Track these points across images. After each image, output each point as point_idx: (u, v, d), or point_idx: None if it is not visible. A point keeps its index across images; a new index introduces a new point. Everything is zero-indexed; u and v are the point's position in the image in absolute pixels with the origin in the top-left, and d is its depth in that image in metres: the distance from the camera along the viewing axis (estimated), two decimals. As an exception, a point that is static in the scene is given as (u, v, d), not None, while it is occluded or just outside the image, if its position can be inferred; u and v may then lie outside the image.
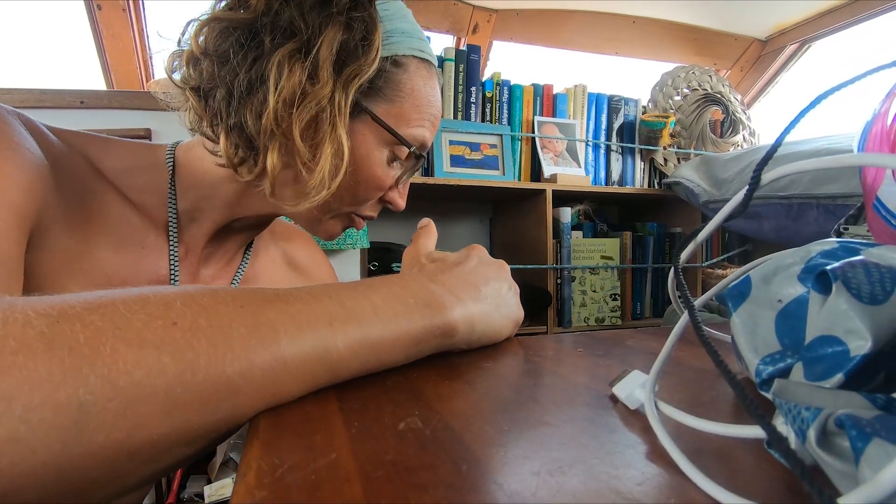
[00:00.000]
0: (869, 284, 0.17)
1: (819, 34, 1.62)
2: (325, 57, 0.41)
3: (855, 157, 0.17)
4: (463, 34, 1.57)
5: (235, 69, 0.42)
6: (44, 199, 0.39)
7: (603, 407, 0.25)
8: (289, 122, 0.42)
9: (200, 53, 0.43)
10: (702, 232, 0.25)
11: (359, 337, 0.28)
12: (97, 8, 1.30)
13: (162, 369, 0.21)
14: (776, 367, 0.21)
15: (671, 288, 0.31)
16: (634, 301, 1.61)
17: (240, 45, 0.42)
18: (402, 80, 0.48)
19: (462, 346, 0.37)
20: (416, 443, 0.20)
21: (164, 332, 0.22)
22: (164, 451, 0.22)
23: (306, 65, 0.41)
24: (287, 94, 0.41)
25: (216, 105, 0.43)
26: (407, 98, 0.48)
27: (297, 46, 0.41)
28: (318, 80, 0.42)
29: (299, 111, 0.41)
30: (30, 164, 0.38)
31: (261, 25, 0.42)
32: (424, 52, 0.49)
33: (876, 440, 0.12)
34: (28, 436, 0.18)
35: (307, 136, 0.43)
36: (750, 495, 0.15)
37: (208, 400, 0.22)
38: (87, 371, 0.19)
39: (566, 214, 1.47)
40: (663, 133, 1.58)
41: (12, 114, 0.40)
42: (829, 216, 1.04)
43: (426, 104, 0.50)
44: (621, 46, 1.76)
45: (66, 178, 0.42)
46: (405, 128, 0.49)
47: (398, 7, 0.49)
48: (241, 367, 0.23)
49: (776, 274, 0.23)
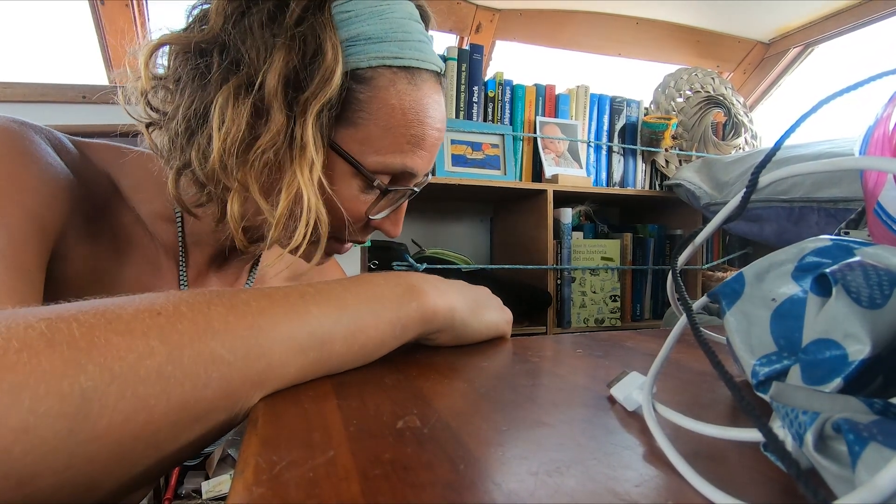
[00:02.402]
0: (868, 287, 0.17)
1: (822, 37, 1.62)
2: (273, 88, 0.36)
3: (854, 161, 0.17)
4: (466, 34, 1.57)
5: (183, 104, 0.38)
6: (67, 211, 0.40)
7: (601, 408, 0.25)
8: (242, 168, 0.37)
9: (150, 85, 0.39)
10: (700, 234, 0.25)
11: (336, 311, 0.30)
12: (100, 3, 1.30)
13: (151, 352, 0.22)
14: (772, 369, 0.21)
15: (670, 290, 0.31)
16: (634, 303, 1.61)
17: (190, 74, 0.38)
18: (365, 99, 0.40)
19: (447, 338, 0.37)
20: (414, 441, 0.20)
21: (151, 320, 0.23)
22: (167, 433, 0.23)
23: (252, 100, 0.36)
24: (234, 136, 0.36)
25: (164, 143, 0.40)
26: (373, 119, 0.40)
27: (241, 81, 0.36)
28: (269, 117, 0.37)
29: (252, 155, 0.37)
30: (53, 177, 0.38)
31: (210, 49, 0.37)
32: (404, 58, 0.40)
33: (873, 444, 0.12)
34: (37, 424, 0.19)
35: (268, 183, 0.39)
36: (746, 498, 0.15)
37: (198, 374, 0.23)
38: (85, 361, 0.21)
39: (567, 215, 1.47)
40: (665, 135, 1.57)
41: (36, 129, 0.40)
42: (831, 220, 1.04)
43: (402, 124, 0.41)
44: (624, 47, 1.76)
45: (89, 195, 0.42)
46: (372, 155, 0.41)
47: (367, 5, 0.39)
48: (224, 340, 0.25)
49: (769, 271, 0.23)
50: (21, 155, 0.37)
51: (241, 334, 0.25)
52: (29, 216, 0.35)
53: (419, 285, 0.35)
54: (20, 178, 0.36)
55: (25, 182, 0.36)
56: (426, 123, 0.42)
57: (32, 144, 0.38)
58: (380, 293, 0.33)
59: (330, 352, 0.29)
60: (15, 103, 1.26)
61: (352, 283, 0.33)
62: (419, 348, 0.38)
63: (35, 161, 0.37)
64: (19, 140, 0.38)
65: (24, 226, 0.35)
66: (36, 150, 0.38)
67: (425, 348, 0.38)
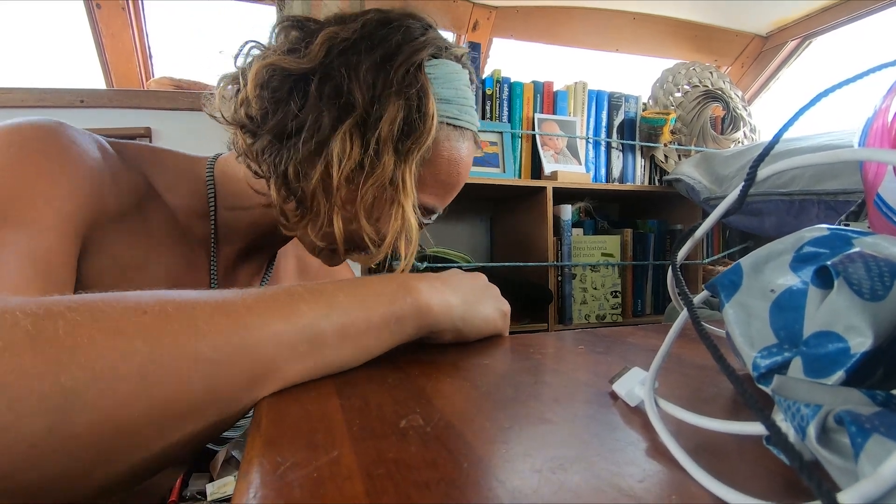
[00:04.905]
0: (869, 280, 0.17)
1: (820, 30, 1.62)
2: (387, 136, 0.42)
3: (853, 153, 0.17)
4: (463, 31, 1.57)
5: (286, 119, 0.42)
6: (100, 204, 0.41)
7: (604, 404, 0.25)
8: (349, 194, 0.43)
9: (254, 95, 0.43)
10: (699, 229, 0.25)
11: (326, 308, 0.30)
12: (97, 7, 1.30)
13: (134, 351, 0.23)
14: (773, 361, 0.21)
15: (671, 285, 0.31)
16: (635, 298, 1.61)
17: (290, 92, 0.42)
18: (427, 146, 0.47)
19: (447, 335, 0.38)
20: (417, 440, 0.20)
21: (136, 319, 0.24)
22: (150, 431, 0.23)
23: (370, 144, 0.42)
24: (348, 171, 0.41)
25: (263, 149, 0.44)
26: (428, 165, 0.47)
27: (356, 121, 0.42)
28: (380, 160, 0.42)
29: (363, 190, 0.42)
30: (84, 171, 0.40)
31: (315, 76, 0.42)
32: (460, 119, 0.47)
33: (875, 436, 0.12)
34: (17, 423, 0.19)
35: (369, 213, 0.44)
36: (750, 491, 0.15)
37: (180, 375, 0.23)
38: (68, 360, 0.21)
39: (567, 212, 1.46)
40: (664, 130, 1.57)
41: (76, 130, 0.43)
42: (831, 212, 1.04)
43: (445, 172, 0.48)
44: (622, 43, 1.76)
45: (125, 190, 0.45)
46: (418, 192, 0.47)
47: (445, 70, 0.46)
48: (209, 340, 0.25)
49: (767, 262, 0.23)
50: (59, 153, 0.39)
51: (227, 333, 0.25)
52: (58, 213, 0.37)
53: (412, 282, 0.35)
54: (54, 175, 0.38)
55: (55, 179, 0.38)
56: (461, 175, 0.50)
57: (62, 138, 0.40)
58: (372, 290, 0.33)
59: (322, 348, 0.29)
60: (13, 108, 1.26)
61: (345, 283, 0.33)
62: (420, 347, 0.38)
63: (64, 155, 0.39)
64: (56, 138, 0.40)
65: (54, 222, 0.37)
66: (67, 144, 0.40)
67: (426, 347, 0.39)
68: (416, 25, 0.45)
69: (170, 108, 1.36)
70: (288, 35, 0.45)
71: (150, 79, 1.47)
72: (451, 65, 0.47)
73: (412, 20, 0.46)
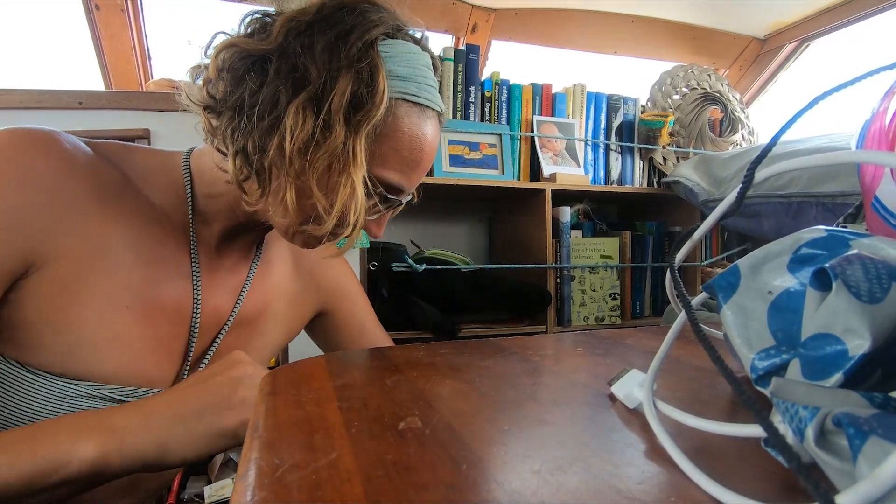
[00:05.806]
0: (867, 282, 0.17)
1: (818, 32, 1.62)
2: (338, 108, 0.44)
3: (850, 155, 0.17)
4: (462, 34, 1.57)
5: (244, 96, 0.44)
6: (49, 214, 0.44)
7: (603, 406, 0.25)
8: (303, 166, 0.45)
9: (216, 75, 0.46)
10: (697, 231, 0.25)
11: None
12: (95, 8, 1.30)
13: None
14: (771, 363, 0.21)
15: (669, 287, 0.31)
16: (634, 300, 1.61)
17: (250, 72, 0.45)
18: (386, 122, 0.48)
19: None
20: (416, 442, 0.20)
21: None
22: None
23: (321, 115, 0.44)
24: (300, 143, 0.44)
25: (224, 125, 0.46)
26: (387, 140, 0.49)
27: (310, 95, 0.44)
28: (331, 131, 0.44)
29: (314, 160, 0.44)
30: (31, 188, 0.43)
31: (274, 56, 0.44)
32: (420, 97, 0.49)
33: (873, 438, 0.12)
34: None
35: (321, 184, 0.46)
36: (748, 493, 0.15)
37: None
38: None
39: (565, 214, 1.46)
40: (662, 132, 1.57)
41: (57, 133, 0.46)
42: (829, 215, 1.04)
43: (406, 148, 0.50)
44: (620, 46, 1.76)
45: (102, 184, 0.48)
46: (378, 168, 0.49)
47: (401, 49, 0.49)
48: None
49: (765, 263, 0.23)
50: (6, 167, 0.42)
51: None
52: None
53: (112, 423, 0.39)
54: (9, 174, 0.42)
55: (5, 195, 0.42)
56: (424, 151, 0.51)
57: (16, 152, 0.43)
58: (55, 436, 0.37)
59: None
60: (11, 110, 1.26)
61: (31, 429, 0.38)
62: (421, 347, 0.38)
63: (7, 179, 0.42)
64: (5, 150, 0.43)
65: None
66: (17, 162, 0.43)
67: (426, 348, 0.39)
68: (371, 9, 0.48)
69: (169, 110, 1.36)
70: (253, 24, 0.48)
71: (149, 80, 1.47)
72: (408, 45, 0.49)
73: (367, 4, 0.48)
